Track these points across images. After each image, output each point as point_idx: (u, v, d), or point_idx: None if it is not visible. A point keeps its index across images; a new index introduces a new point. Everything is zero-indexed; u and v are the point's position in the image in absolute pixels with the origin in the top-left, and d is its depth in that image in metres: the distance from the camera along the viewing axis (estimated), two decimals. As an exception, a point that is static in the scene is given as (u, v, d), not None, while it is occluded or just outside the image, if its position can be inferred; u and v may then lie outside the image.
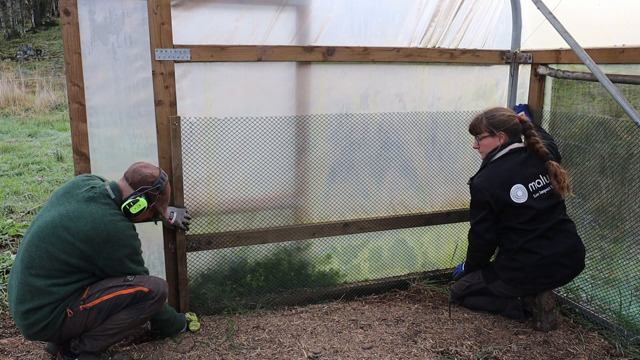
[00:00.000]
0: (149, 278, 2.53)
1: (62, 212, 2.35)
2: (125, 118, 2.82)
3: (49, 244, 2.31)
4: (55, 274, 2.33)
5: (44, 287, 2.31)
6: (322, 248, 3.42)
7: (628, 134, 2.86)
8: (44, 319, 2.33)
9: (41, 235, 2.33)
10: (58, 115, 11.20)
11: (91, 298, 2.41)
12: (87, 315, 2.40)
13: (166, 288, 2.58)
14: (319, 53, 3.04)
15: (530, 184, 2.87)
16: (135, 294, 2.46)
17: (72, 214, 2.34)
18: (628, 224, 2.92)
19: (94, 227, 2.32)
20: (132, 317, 2.47)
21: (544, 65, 3.38)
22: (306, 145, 3.22)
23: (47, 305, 2.33)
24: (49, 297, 2.32)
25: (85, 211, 2.35)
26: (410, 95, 3.39)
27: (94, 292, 2.42)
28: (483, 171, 3.00)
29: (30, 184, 6.06)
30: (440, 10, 3.32)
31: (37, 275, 2.31)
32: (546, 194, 2.88)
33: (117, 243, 2.38)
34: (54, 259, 2.31)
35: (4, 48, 22.52)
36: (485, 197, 2.88)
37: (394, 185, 3.46)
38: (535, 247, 2.85)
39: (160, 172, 2.59)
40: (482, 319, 3.09)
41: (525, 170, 2.88)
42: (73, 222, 2.32)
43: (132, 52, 2.75)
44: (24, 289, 2.32)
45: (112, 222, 2.37)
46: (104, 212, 2.37)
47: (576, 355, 2.72)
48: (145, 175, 2.51)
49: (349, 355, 2.70)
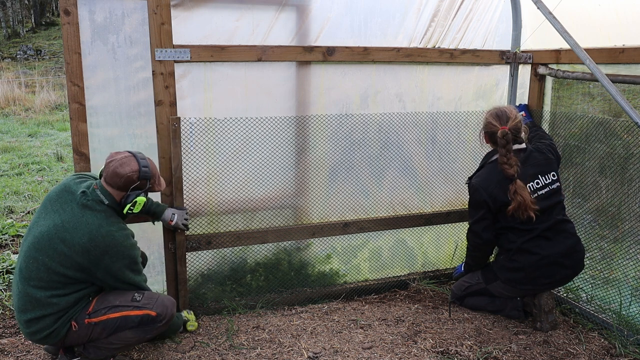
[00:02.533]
0: (157, 299, 2.47)
1: (57, 222, 2.30)
2: (125, 118, 2.82)
3: (45, 256, 2.27)
4: (54, 285, 2.30)
5: (44, 298, 2.29)
6: (322, 248, 3.42)
7: (628, 134, 2.86)
8: (46, 328, 2.32)
9: (37, 246, 2.29)
10: (58, 115, 11.20)
11: (97, 314, 2.39)
12: (92, 330, 2.39)
13: (174, 308, 2.54)
14: (319, 53, 3.04)
15: (529, 184, 2.86)
16: (142, 318, 2.41)
17: (68, 224, 2.29)
18: (628, 224, 2.92)
19: (91, 239, 2.27)
20: (138, 336, 2.45)
21: (544, 65, 3.38)
22: (306, 145, 3.22)
23: (49, 315, 2.31)
24: (50, 308, 2.31)
25: (81, 221, 2.29)
26: (410, 95, 3.39)
27: (100, 308, 2.40)
28: (481, 171, 3.00)
29: (30, 184, 6.06)
30: (440, 10, 3.32)
31: (36, 286, 2.29)
32: (545, 194, 2.88)
33: (116, 255, 2.33)
34: (51, 271, 2.28)
35: (4, 48, 22.52)
36: (483, 197, 2.87)
37: (394, 185, 3.46)
38: (534, 248, 2.85)
39: (137, 161, 2.42)
40: (482, 319, 3.09)
41: (524, 170, 2.87)
42: (69, 234, 2.27)
43: (132, 52, 2.75)
44: (24, 299, 2.31)
45: (109, 233, 2.31)
46: (100, 222, 2.31)
47: (576, 355, 2.72)
48: (127, 176, 2.38)
49: (349, 355, 2.70)
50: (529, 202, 2.78)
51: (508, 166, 2.81)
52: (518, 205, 2.78)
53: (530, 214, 2.79)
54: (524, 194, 2.78)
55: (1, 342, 2.79)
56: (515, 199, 2.79)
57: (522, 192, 2.78)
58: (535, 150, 2.97)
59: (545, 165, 2.92)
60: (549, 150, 3.00)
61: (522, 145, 2.96)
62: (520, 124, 2.92)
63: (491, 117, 2.92)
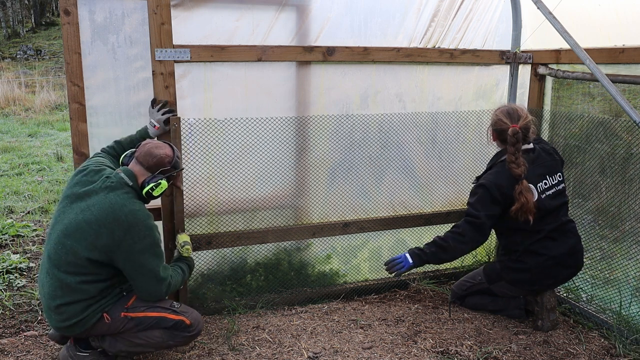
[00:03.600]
0: (192, 311, 2.56)
1: (83, 207, 2.33)
2: (125, 118, 2.82)
3: (73, 240, 2.30)
4: (82, 270, 2.32)
5: (74, 283, 2.31)
6: (322, 248, 3.42)
7: (628, 134, 2.86)
8: (76, 315, 2.34)
9: (66, 232, 2.33)
10: (58, 115, 11.20)
11: (136, 309, 2.42)
12: (126, 324, 2.41)
13: (202, 325, 2.60)
14: (319, 53, 3.04)
15: (538, 185, 2.84)
16: (177, 323, 2.47)
17: (93, 207, 2.32)
18: (628, 224, 2.92)
19: (115, 218, 2.29)
20: (162, 338, 2.47)
21: (544, 65, 3.38)
22: (306, 145, 3.21)
23: (79, 302, 2.33)
24: (80, 294, 2.32)
25: (105, 202, 2.32)
26: (410, 95, 3.38)
27: (140, 305, 2.43)
28: (492, 170, 2.92)
29: (30, 184, 6.06)
30: (440, 10, 3.32)
31: (67, 272, 2.31)
32: (552, 194, 2.86)
33: (137, 234, 2.33)
34: (78, 256, 2.30)
35: (4, 48, 22.52)
36: (495, 195, 2.79)
37: (394, 185, 3.46)
38: (541, 249, 2.84)
39: (172, 149, 2.53)
40: (482, 319, 3.09)
41: (532, 170, 2.84)
42: (94, 216, 2.30)
43: (132, 52, 2.75)
44: (55, 284, 2.33)
45: (132, 211, 2.33)
46: (123, 201, 2.33)
47: (576, 355, 2.73)
48: (160, 157, 2.45)
49: (349, 355, 2.70)
50: (531, 205, 2.74)
51: (515, 166, 2.76)
52: (521, 206, 2.74)
53: (529, 218, 2.76)
54: (528, 195, 2.74)
55: (1, 342, 2.79)
56: (519, 199, 2.74)
57: (527, 193, 2.74)
58: (543, 151, 2.94)
59: (552, 166, 2.91)
60: (555, 152, 2.99)
61: (530, 145, 2.92)
62: (531, 124, 2.86)
63: (502, 115, 2.86)
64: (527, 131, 2.84)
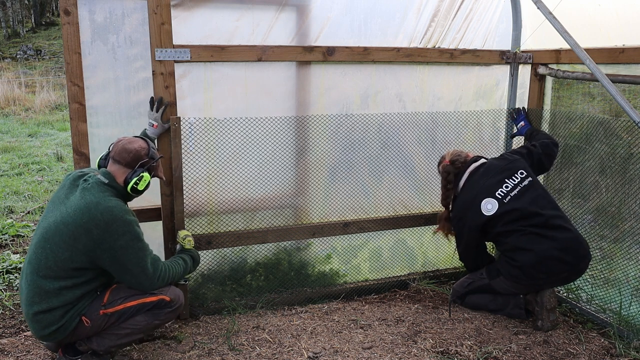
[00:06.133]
0: (170, 287, 2.55)
1: (62, 210, 2.35)
2: (125, 118, 2.82)
3: (53, 244, 2.30)
4: (61, 274, 2.31)
5: (53, 289, 2.30)
6: (322, 248, 3.42)
7: (628, 134, 2.86)
8: (55, 322, 2.32)
9: (46, 236, 2.32)
10: (58, 115, 11.20)
11: (113, 304, 2.41)
12: (107, 321, 2.41)
13: (183, 298, 2.60)
14: (319, 53, 3.04)
15: (498, 192, 2.94)
16: (158, 302, 2.47)
17: (70, 209, 2.32)
18: (628, 224, 2.92)
19: (91, 217, 2.28)
20: (147, 320, 2.47)
21: (544, 65, 3.38)
22: (306, 145, 3.22)
23: (58, 308, 2.31)
24: (58, 300, 2.31)
25: (80, 202, 2.31)
26: (410, 96, 3.39)
27: (117, 298, 2.42)
28: (454, 204, 3.17)
29: (30, 184, 6.06)
30: (440, 10, 3.32)
31: (46, 276, 2.30)
32: (518, 193, 2.92)
33: (116, 231, 2.30)
34: (59, 259, 2.29)
35: (4, 48, 22.52)
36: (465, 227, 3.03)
37: (394, 185, 3.46)
38: (528, 244, 2.85)
39: (145, 141, 2.52)
40: (482, 319, 3.09)
41: (487, 181, 2.98)
42: (71, 217, 2.29)
43: (132, 52, 2.75)
44: (33, 290, 2.32)
45: (108, 209, 2.30)
46: (97, 200, 2.31)
47: (576, 355, 2.73)
48: (136, 151, 2.45)
49: (349, 355, 2.70)
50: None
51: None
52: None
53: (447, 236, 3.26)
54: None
55: (1, 342, 2.79)
56: None
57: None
58: (496, 160, 3.12)
59: (509, 168, 3.00)
60: (514, 152, 3.15)
61: (478, 163, 3.11)
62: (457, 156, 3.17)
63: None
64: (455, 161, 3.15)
